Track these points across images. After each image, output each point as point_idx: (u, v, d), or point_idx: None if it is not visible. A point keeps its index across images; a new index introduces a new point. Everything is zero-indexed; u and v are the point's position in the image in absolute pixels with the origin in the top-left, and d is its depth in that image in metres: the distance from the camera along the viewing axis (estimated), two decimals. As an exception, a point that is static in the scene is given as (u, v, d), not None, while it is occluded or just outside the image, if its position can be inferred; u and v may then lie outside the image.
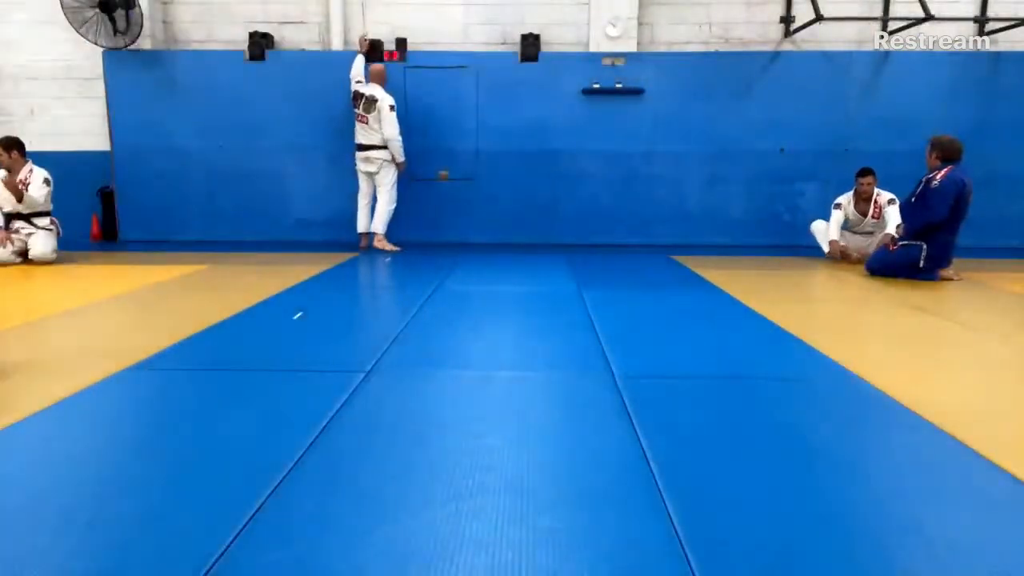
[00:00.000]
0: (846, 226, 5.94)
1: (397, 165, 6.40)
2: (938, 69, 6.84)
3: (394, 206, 6.51)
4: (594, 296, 4.17)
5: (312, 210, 7.26)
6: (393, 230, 7.13)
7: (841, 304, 4.32)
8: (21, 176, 5.63)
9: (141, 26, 6.78)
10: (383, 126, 6.21)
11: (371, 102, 6.24)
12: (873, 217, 5.73)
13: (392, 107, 6.23)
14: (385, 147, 6.29)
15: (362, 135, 6.34)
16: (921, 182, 4.93)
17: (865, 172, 5.72)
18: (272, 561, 1.34)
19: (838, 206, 5.88)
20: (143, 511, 1.54)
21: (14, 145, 5.60)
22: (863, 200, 5.78)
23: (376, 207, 6.49)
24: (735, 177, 7.08)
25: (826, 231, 5.96)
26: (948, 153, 4.87)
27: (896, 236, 5.08)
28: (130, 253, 6.32)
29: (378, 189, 6.46)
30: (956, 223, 4.86)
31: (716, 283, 4.66)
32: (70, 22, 6.35)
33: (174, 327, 3.26)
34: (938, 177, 4.80)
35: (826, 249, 5.92)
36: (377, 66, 6.43)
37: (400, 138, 6.29)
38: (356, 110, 6.38)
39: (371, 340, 3.05)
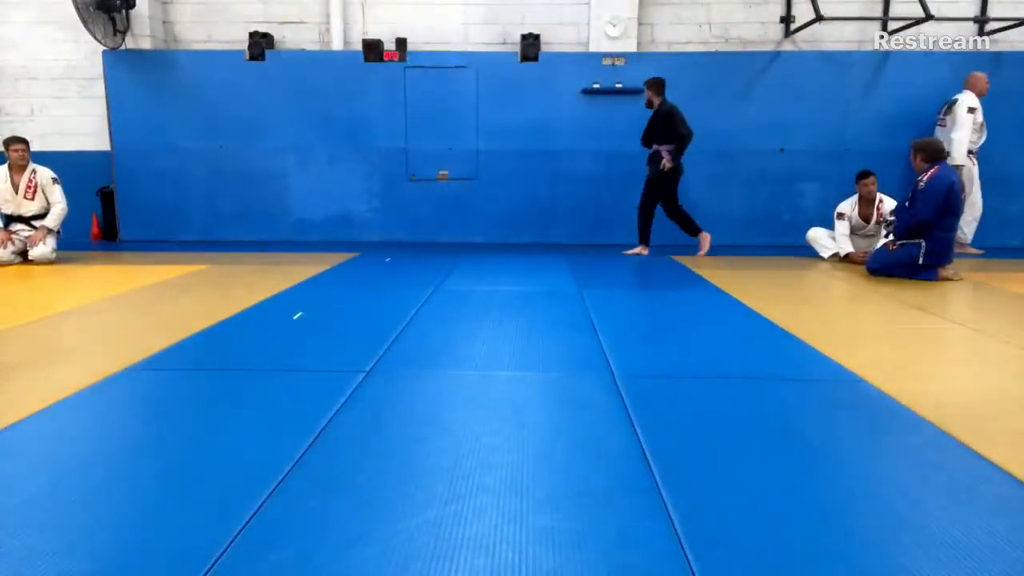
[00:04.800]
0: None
1: (957, 167, 6.15)
2: (938, 69, 6.84)
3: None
4: (594, 296, 4.17)
5: (312, 210, 7.25)
6: (395, 229, 7.16)
7: (841, 304, 4.32)
8: (26, 176, 5.65)
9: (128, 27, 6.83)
10: (955, 126, 6.29)
11: (951, 104, 6.35)
12: (876, 222, 5.73)
13: (970, 109, 6.26)
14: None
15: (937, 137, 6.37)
16: (913, 186, 5.01)
17: (866, 174, 5.71)
18: (272, 561, 1.34)
19: (841, 216, 5.86)
20: (143, 511, 1.54)
21: (27, 143, 5.72)
22: (866, 203, 5.77)
23: None
24: (735, 177, 7.08)
25: (824, 238, 5.99)
26: (932, 154, 4.98)
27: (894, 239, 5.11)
28: (130, 253, 6.32)
29: None
30: (951, 220, 4.89)
31: (716, 283, 4.66)
32: (81, 19, 6.35)
33: (174, 327, 3.26)
34: (925, 178, 4.89)
35: (825, 256, 5.93)
36: (978, 75, 6.43)
37: (965, 140, 6.26)
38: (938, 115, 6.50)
39: (371, 340, 3.05)
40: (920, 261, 4.87)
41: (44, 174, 5.71)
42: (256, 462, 1.78)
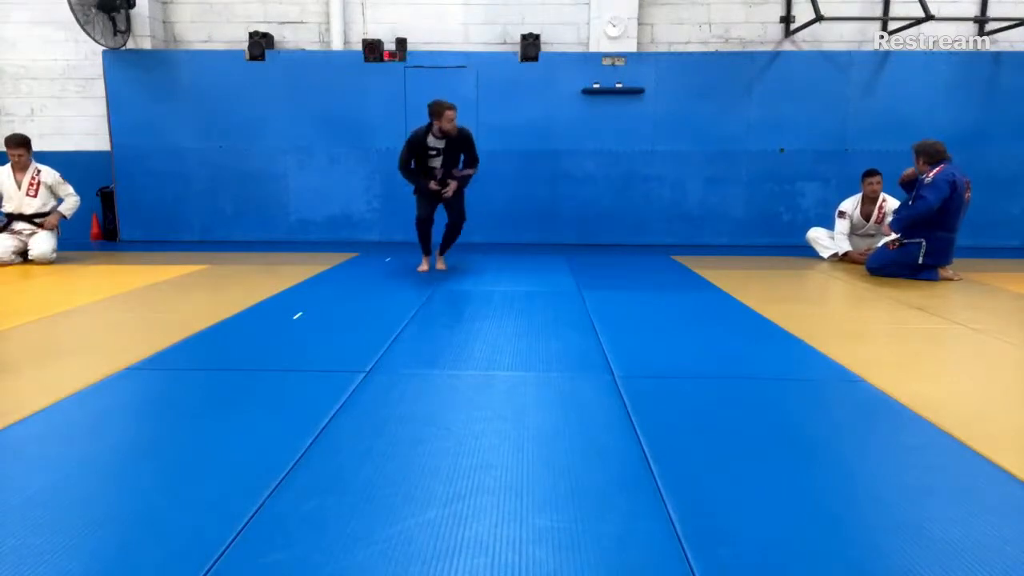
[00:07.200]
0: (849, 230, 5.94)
1: None
2: (938, 69, 6.84)
3: None
4: (594, 296, 4.17)
5: (312, 210, 7.25)
6: (395, 229, 7.17)
7: (841, 304, 4.32)
8: (29, 173, 5.65)
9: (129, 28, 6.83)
10: None
11: None
12: (876, 221, 5.73)
13: None
14: None
15: None
16: (918, 183, 5.00)
17: (872, 172, 5.70)
18: (272, 561, 1.34)
19: (842, 215, 5.85)
20: (143, 511, 1.54)
21: (29, 143, 5.67)
22: (870, 201, 5.77)
23: None
24: (735, 177, 7.08)
25: (824, 238, 5.99)
26: (932, 155, 4.97)
27: (895, 238, 5.10)
28: (130, 253, 6.31)
29: None
30: (954, 220, 4.89)
31: (716, 283, 4.66)
32: (77, 20, 6.35)
33: (174, 327, 3.26)
34: (931, 175, 4.87)
35: (825, 256, 5.92)
36: None
37: None
38: None
39: (371, 340, 3.05)
40: (920, 261, 4.87)
41: (49, 174, 5.72)
42: (256, 462, 1.78)
